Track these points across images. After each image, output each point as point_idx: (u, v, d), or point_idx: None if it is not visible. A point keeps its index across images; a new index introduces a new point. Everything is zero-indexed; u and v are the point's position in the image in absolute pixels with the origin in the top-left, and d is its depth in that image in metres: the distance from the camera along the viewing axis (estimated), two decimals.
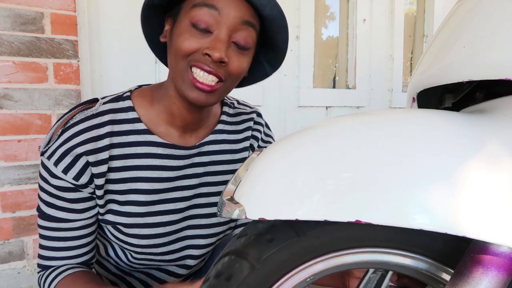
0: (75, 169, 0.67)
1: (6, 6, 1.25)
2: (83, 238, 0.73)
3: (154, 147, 0.72)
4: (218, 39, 0.63)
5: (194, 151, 0.77)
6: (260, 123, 0.89)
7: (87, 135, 0.67)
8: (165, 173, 0.74)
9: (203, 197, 0.80)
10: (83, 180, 0.68)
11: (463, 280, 0.38)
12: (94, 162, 0.68)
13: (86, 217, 0.72)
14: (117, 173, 0.71)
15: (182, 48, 0.63)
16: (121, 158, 0.71)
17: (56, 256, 0.72)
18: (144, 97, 0.74)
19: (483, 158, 0.37)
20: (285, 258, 0.43)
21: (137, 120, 0.72)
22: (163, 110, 0.73)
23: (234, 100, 0.88)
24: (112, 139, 0.70)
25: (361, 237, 0.44)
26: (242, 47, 0.65)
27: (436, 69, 0.49)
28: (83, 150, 0.66)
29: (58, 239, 0.71)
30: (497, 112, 0.43)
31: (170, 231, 0.77)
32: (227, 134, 0.82)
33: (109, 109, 0.71)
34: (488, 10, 0.44)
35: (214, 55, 0.61)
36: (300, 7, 1.96)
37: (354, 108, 2.22)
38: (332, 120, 0.45)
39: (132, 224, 0.73)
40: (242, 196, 0.41)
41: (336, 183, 0.38)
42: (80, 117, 0.69)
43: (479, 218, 0.35)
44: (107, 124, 0.69)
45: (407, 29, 2.43)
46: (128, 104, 0.72)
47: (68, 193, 0.69)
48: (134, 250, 0.75)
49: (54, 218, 0.70)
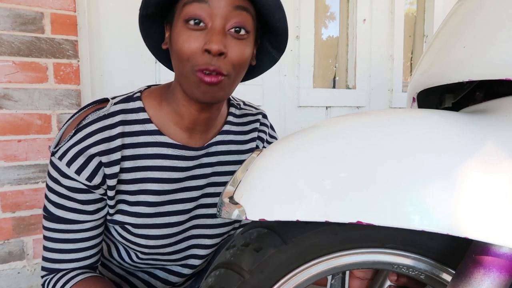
0: (88, 170, 0.66)
1: (6, 6, 1.25)
2: (91, 240, 0.72)
3: (164, 148, 0.73)
4: (214, 31, 0.62)
5: (202, 152, 0.77)
6: (266, 124, 0.89)
7: (100, 135, 0.67)
8: (175, 174, 0.74)
9: (209, 197, 0.81)
10: (96, 181, 0.67)
11: (464, 281, 0.38)
12: (107, 163, 0.67)
13: (96, 218, 0.71)
14: (129, 174, 0.71)
15: (183, 51, 0.63)
16: (132, 159, 0.71)
17: (64, 258, 0.71)
18: (154, 98, 0.74)
19: (484, 159, 0.37)
20: (274, 266, 0.43)
21: (148, 121, 0.72)
22: (171, 111, 0.72)
23: (240, 101, 0.88)
24: (124, 140, 0.70)
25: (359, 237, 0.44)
26: (239, 33, 0.64)
27: (436, 69, 0.49)
28: (97, 151, 0.66)
29: (67, 241, 0.70)
30: (497, 112, 0.43)
31: (177, 231, 0.77)
32: (233, 135, 0.82)
33: (120, 109, 0.71)
34: (488, 10, 0.44)
35: (212, 48, 0.60)
36: (300, 7, 1.96)
37: (354, 108, 2.22)
38: (332, 120, 0.44)
39: (141, 225, 0.73)
40: (242, 197, 0.41)
41: (337, 183, 0.37)
42: (93, 117, 0.68)
43: (480, 219, 0.35)
44: (119, 124, 0.69)
45: (407, 29, 2.43)
46: (139, 104, 0.72)
47: (79, 194, 0.68)
48: (141, 250, 0.75)
49: (63, 220, 0.69)
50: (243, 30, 0.64)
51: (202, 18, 0.62)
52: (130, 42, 1.53)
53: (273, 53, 0.77)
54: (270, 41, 0.75)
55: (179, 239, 0.78)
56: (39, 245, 1.37)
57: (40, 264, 0.73)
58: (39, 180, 1.36)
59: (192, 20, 0.62)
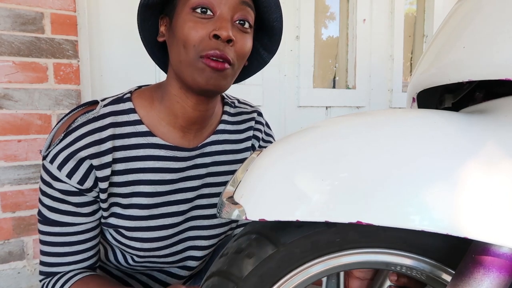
0: (79, 173, 0.66)
1: (6, 6, 1.25)
2: (88, 242, 0.71)
3: (156, 149, 0.71)
4: (223, 19, 0.63)
5: (197, 152, 0.76)
6: (261, 122, 0.88)
7: (90, 138, 0.66)
8: (168, 175, 0.73)
9: (205, 198, 0.80)
10: (88, 184, 0.66)
11: (464, 281, 0.38)
12: (98, 166, 0.66)
13: (91, 220, 0.71)
14: (120, 176, 0.70)
15: (190, 37, 0.62)
16: (123, 161, 0.70)
17: (61, 262, 0.70)
18: (145, 98, 0.73)
19: (483, 159, 0.36)
20: (266, 272, 0.43)
21: (139, 122, 0.71)
22: (164, 110, 0.71)
23: (234, 99, 0.87)
24: (114, 142, 0.68)
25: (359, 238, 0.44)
26: (243, 26, 0.65)
27: (436, 69, 0.49)
28: (87, 154, 0.65)
29: (63, 244, 0.69)
30: (497, 112, 0.43)
31: (172, 233, 0.76)
32: (228, 134, 0.81)
33: (110, 111, 0.70)
34: (488, 10, 0.44)
35: (222, 34, 0.61)
36: (300, 7, 1.96)
37: (354, 108, 2.22)
38: (332, 120, 0.44)
39: (135, 228, 0.72)
40: (242, 197, 0.41)
41: (336, 183, 0.37)
42: (82, 120, 0.67)
43: (480, 219, 0.34)
44: (109, 127, 0.68)
45: (407, 29, 2.43)
46: (129, 106, 0.71)
47: (73, 197, 0.67)
48: (136, 253, 0.75)
49: (58, 223, 0.68)
50: (247, 24, 0.66)
51: (211, 6, 0.63)
52: (130, 42, 1.53)
53: (264, 55, 0.77)
54: (263, 42, 0.75)
55: (175, 241, 0.77)
56: (39, 245, 1.37)
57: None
58: (39, 180, 1.36)
59: (200, 8, 0.63)
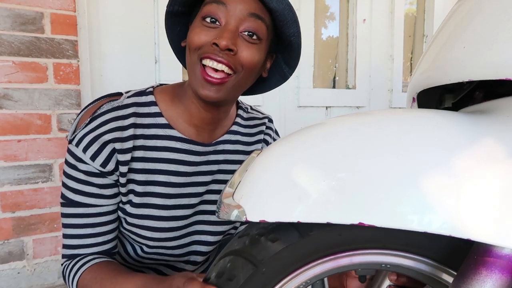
0: (102, 156, 0.70)
1: (6, 6, 1.25)
2: (109, 224, 0.75)
3: (173, 141, 0.76)
4: (226, 29, 0.66)
5: (210, 149, 0.80)
6: (271, 128, 0.94)
7: (114, 124, 0.70)
8: (183, 168, 0.77)
9: (213, 194, 0.83)
10: (110, 167, 0.70)
11: (466, 282, 0.38)
12: (120, 150, 0.70)
13: (113, 203, 0.74)
14: (139, 163, 0.74)
15: (193, 42, 0.67)
16: (142, 149, 0.74)
17: (83, 243, 0.73)
18: (166, 94, 0.78)
19: (484, 159, 0.36)
20: (288, 260, 0.43)
21: (159, 115, 0.75)
22: (182, 108, 0.76)
23: (247, 106, 0.92)
24: (135, 130, 0.73)
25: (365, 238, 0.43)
26: (251, 37, 0.68)
27: (436, 69, 0.49)
28: (110, 138, 0.69)
29: (85, 226, 0.73)
30: (497, 112, 0.43)
31: (181, 225, 0.79)
32: (241, 135, 0.86)
33: (133, 102, 0.74)
34: (488, 10, 0.44)
35: (221, 43, 0.64)
36: (300, 7, 1.96)
37: (354, 108, 2.22)
38: (332, 120, 0.44)
39: (148, 216, 0.75)
40: (242, 197, 0.41)
41: (338, 184, 0.37)
42: (107, 107, 0.72)
43: (482, 221, 0.34)
44: (131, 116, 0.73)
45: (407, 29, 2.43)
46: (151, 99, 0.76)
47: (96, 178, 0.71)
48: (146, 243, 0.77)
49: (82, 204, 0.72)
50: (255, 36, 0.68)
51: (218, 17, 0.67)
52: (130, 42, 1.53)
53: (285, 70, 0.81)
54: (284, 56, 0.78)
55: (183, 233, 0.80)
56: (39, 245, 1.37)
57: (40, 264, 0.74)
58: (39, 180, 1.36)
59: (209, 18, 0.67)
